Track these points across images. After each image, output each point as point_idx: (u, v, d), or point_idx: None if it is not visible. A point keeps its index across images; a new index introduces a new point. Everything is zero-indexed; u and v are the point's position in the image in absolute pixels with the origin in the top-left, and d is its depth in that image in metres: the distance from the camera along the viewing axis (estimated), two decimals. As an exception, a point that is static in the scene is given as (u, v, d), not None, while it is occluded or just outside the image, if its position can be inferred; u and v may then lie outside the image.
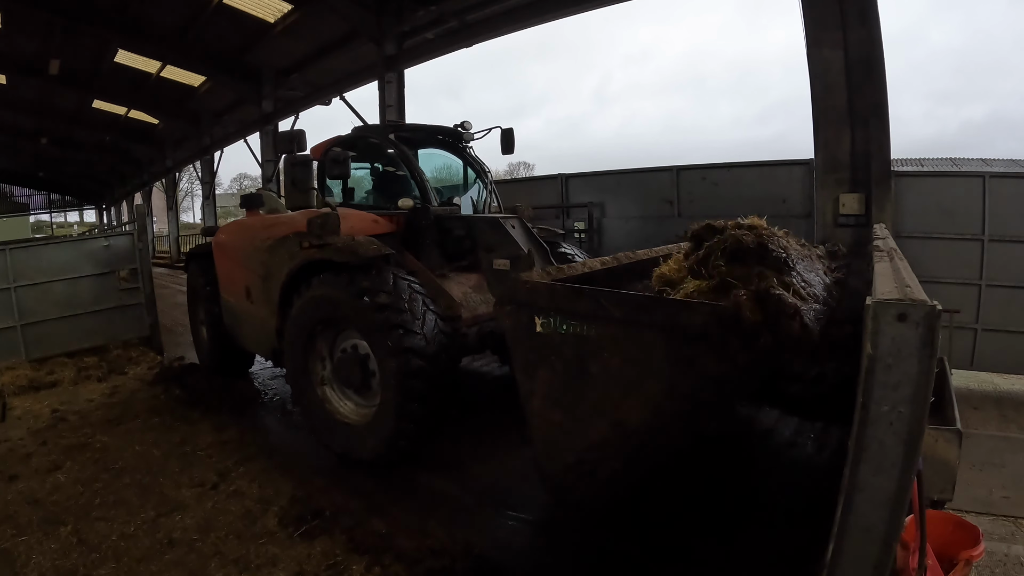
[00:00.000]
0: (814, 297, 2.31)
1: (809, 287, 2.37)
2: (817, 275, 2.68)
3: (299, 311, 3.77)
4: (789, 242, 2.82)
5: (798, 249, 2.85)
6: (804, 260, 2.75)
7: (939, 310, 1.16)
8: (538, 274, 2.71)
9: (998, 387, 5.21)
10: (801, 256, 2.76)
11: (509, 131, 5.20)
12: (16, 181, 31.85)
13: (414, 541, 2.68)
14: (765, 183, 6.22)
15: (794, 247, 2.79)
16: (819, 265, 2.96)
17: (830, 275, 2.98)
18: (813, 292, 2.35)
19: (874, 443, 1.22)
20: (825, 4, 5.33)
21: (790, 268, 2.40)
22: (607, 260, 3.30)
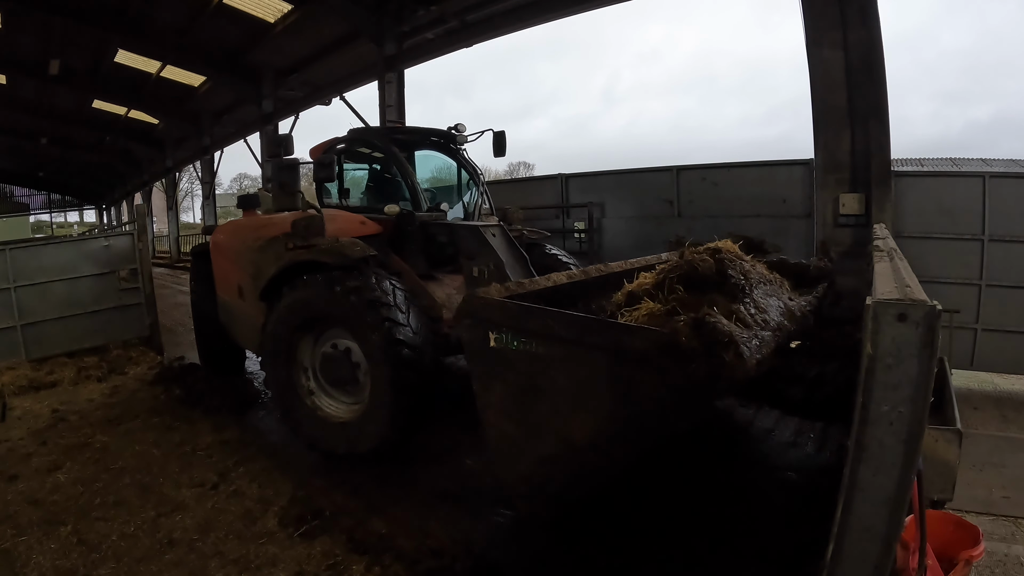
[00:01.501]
0: (764, 324, 2.33)
1: (762, 314, 2.40)
2: (779, 301, 2.69)
3: (283, 310, 3.82)
4: (755, 267, 2.88)
5: (762, 274, 2.88)
6: (765, 286, 2.78)
7: (939, 310, 1.16)
8: (496, 289, 2.74)
9: (998, 387, 5.22)
10: (763, 281, 2.80)
11: (501, 134, 5.24)
12: (16, 181, 31.85)
13: (414, 541, 2.69)
14: (765, 183, 6.22)
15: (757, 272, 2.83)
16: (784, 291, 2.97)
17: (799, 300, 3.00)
18: (765, 319, 2.38)
19: (874, 443, 1.22)
20: (825, 4, 5.33)
21: (745, 295, 2.45)
22: (575, 273, 3.33)
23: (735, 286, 2.46)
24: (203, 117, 17.26)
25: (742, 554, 2.60)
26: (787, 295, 2.92)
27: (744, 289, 2.48)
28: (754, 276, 2.70)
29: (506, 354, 2.32)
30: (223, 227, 5.40)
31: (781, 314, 2.53)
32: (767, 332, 2.25)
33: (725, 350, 1.86)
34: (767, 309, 2.48)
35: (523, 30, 8.65)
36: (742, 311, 2.30)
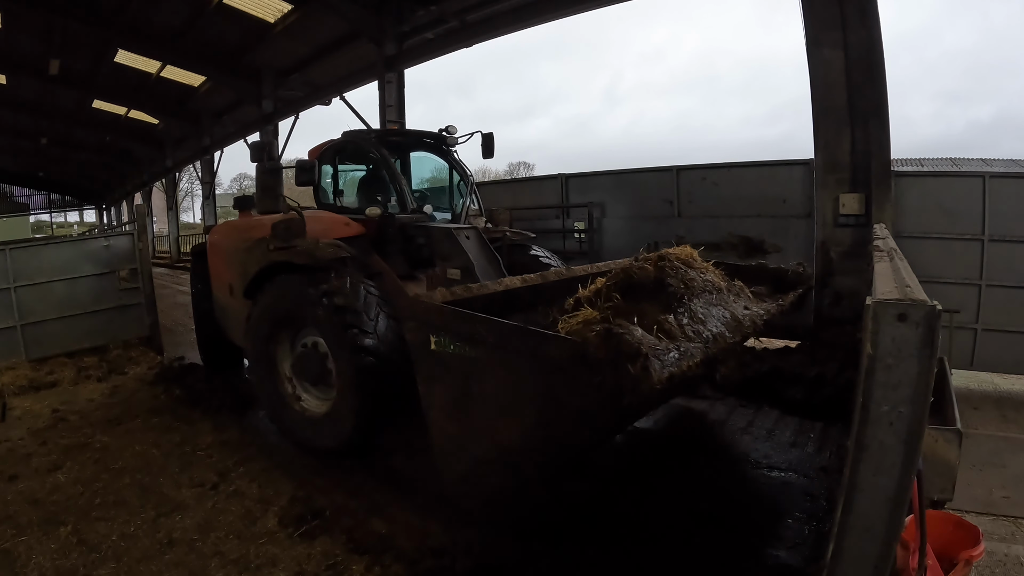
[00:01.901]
0: (695, 336, 2.33)
1: (697, 324, 2.42)
2: (724, 310, 2.70)
3: (261, 307, 4.03)
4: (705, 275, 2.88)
5: (711, 283, 2.88)
6: (710, 295, 2.78)
7: (939, 310, 1.16)
8: (441, 292, 2.81)
9: (998, 387, 5.22)
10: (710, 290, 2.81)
11: (489, 135, 5.38)
12: (16, 181, 31.83)
13: (414, 541, 2.69)
14: (765, 183, 6.21)
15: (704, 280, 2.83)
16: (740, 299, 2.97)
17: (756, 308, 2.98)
18: (698, 330, 2.38)
19: (874, 443, 1.22)
20: (825, 4, 5.32)
21: (680, 305, 2.48)
22: (531, 278, 3.38)
23: (671, 295, 2.50)
24: (203, 117, 17.25)
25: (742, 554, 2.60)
26: (743, 303, 2.91)
27: (681, 298, 2.51)
28: (698, 285, 2.72)
29: (444, 357, 2.39)
30: (218, 228, 5.61)
31: (723, 324, 2.52)
32: (696, 344, 2.25)
33: (631, 362, 1.86)
34: (705, 319, 2.49)
35: (523, 30, 8.65)
36: (670, 321, 2.32)
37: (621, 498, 3.16)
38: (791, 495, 3.10)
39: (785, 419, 4.22)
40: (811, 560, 2.48)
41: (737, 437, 3.95)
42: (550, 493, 3.12)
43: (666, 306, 2.44)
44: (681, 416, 4.37)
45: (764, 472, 3.39)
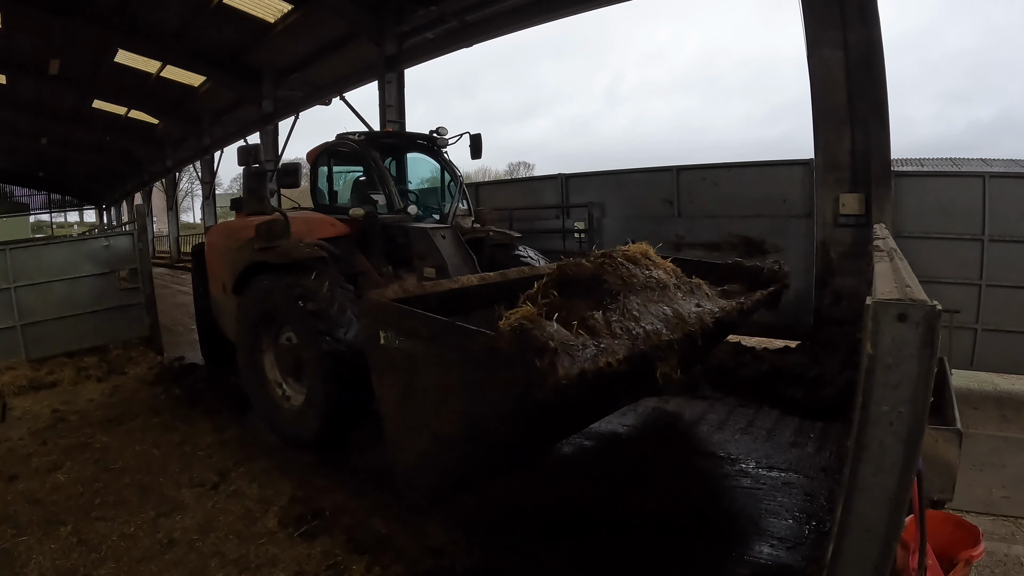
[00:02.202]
0: (624, 333, 2.34)
1: (628, 322, 2.42)
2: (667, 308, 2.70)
3: (247, 305, 4.22)
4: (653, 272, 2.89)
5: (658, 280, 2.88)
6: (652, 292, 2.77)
7: (939, 310, 1.16)
8: (393, 290, 2.91)
9: (998, 387, 5.21)
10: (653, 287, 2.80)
11: (477, 136, 5.51)
12: (16, 181, 31.83)
13: (414, 541, 2.69)
14: (765, 183, 6.21)
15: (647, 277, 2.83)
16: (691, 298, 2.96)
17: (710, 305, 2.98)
18: (628, 327, 2.38)
19: (874, 443, 1.22)
20: (825, 4, 5.33)
21: (614, 302, 2.50)
22: (489, 276, 3.44)
23: (606, 292, 2.54)
24: (203, 117, 17.25)
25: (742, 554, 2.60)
26: (695, 301, 2.93)
27: (616, 295, 2.54)
28: (638, 282, 2.74)
29: (391, 352, 2.50)
30: (214, 228, 5.86)
31: (661, 321, 2.54)
32: (622, 341, 2.27)
33: (538, 357, 1.89)
34: (640, 316, 2.50)
35: (523, 30, 8.65)
36: (596, 318, 2.33)
37: (621, 498, 3.16)
38: (791, 495, 3.10)
39: (785, 419, 4.22)
40: (811, 560, 2.48)
41: (737, 437, 3.94)
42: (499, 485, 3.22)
43: (596, 303, 2.47)
44: (681, 416, 4.37)
45: (764, 472, 3.39)
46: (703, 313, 2.80)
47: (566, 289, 2.50)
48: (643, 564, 2.57)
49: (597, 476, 3.43)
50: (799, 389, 4.48)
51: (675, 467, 3.53)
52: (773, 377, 4.73)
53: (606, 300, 2.51)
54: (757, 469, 3.44)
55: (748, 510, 2.96)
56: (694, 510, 2.99)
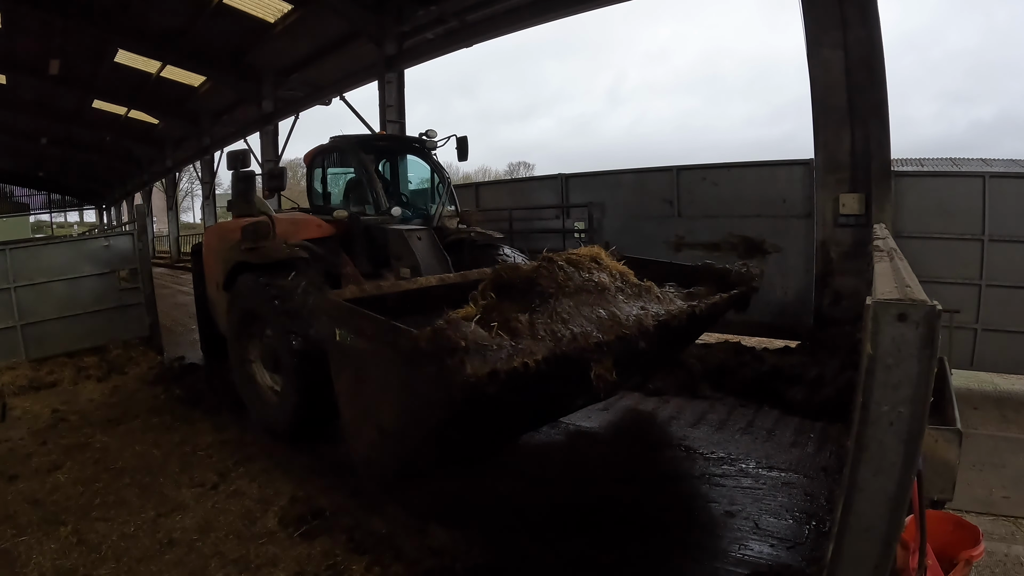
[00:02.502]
0: (547, 335, 2.39)
1: (555, 324, 2.48)
2: (603, 311, 2.73)
3: (233, 303, 4.44)
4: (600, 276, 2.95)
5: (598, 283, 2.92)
6: (587, 295, 2.82)
7: (939, 310, 1.16)
8: (350, 290, 3.08)
9: (998, 387, 5.21)
10: (590, 291, 2.85)
11: (463, 139, 5.66)
12: (16, 181, 31.83)
13: (414, 541, 2.68)
14: (765, 183, 6.21)
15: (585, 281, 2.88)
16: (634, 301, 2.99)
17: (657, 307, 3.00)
18: (553, 329, 2.44)
19: (874, 443, 1.22)
20: (825, 4, 5.33)
21: (545, 304, 2.58)
22: (449, 277, 3.55)
23: (538, 295, 2.63)
24: (203, 117, 17.25)
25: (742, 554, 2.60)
26: (640, 303, 2.96)
27: (548, 298, 2.62)
28: (574, 285, 2.79)
29: (344, 348, 2.67)
30: (210, 229, 6.09)
31: (593, 323, 2.59)
32: (543, 342, 2.34)
33: (450, 356, 2.02)
34: (569, 318, 2.56)
35: (523, 30, 8.65)
36: (521, 320, 2.41)
37: (620, 498, 3.16)
38: (791, 495, 3.10)
39: (785, 419, 4.22)
40: (811, 560, 2.48)
41: (737, 437, 3.95)
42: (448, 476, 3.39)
43: (524, 305, 2.55)
44: (681, 416, 4.37)
45: (764, 472, 3.39)
46: (644, 316, 2.82)
47: (503, 292, 2.60)
48: (644, 564, 2.57)
49: (597, 476, 3.43)
50: (799, 389, 4.48)
51: (675, 467, 3.53)
52: (773, 377, 4.73)
53: (536, 303, 2.58)
54: (757, 469, 3.44)
55: (748, 510, 2.96)
56: (694, 510, 2.99)
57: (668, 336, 3.00)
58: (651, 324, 2.78)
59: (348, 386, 2.78)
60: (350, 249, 4.80)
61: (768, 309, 6.24)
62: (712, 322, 4.09)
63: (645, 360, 3.68)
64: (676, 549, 2.67)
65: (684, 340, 4.28)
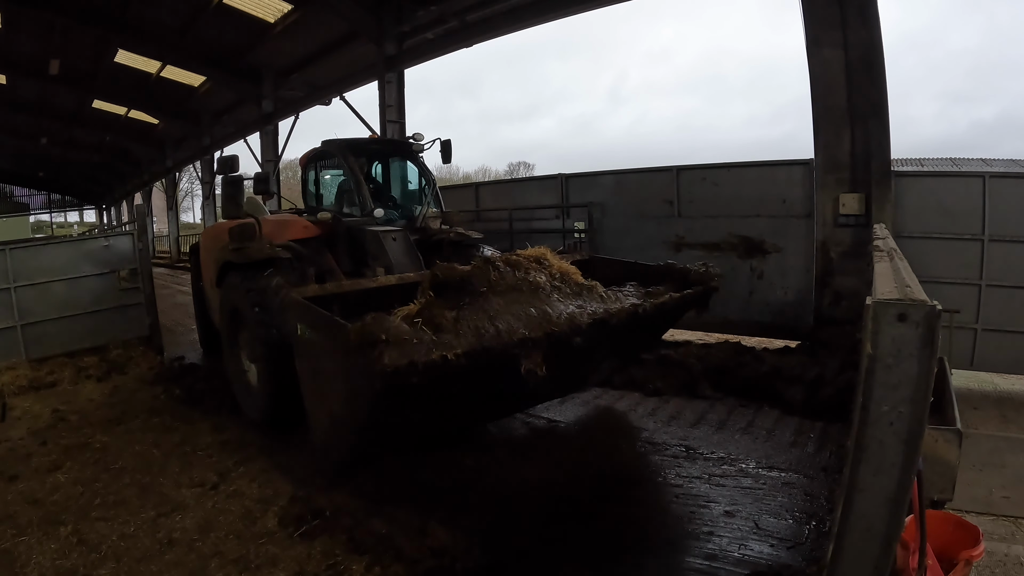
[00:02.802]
0: (471, 331, 2.59)
1: (481, 320, 2.67)
2: (533, 309, 2.88)
3: (222, 299, 4.74)
4: (536, 276, 3.15)
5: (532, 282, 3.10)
6: (519, 293, 2.99)
7: (939, 310, 1.16)
8: (312, 288, 3.34)
9: (998, 387, 5.21)
10: (524, 289, 3.03)
11: (447, 142, 5.84)
12: (16, 181, 31.84)
13: (414, 541, 2.68)
14: (765, 183, 6.21)
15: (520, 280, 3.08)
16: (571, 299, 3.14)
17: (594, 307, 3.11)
18: (478, 325, 2.63)
19: (874, 443, 1.22)
20: (825, 4, 5.33)
21: (474, 302, 2.79)
22: (408, 276, 3.73)
23: (470, 293, 2.84)
24: (203, 117, 17.25)
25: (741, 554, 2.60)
26: (577, 302, 3.12)
27: (478, 296, 2.83)
28: (506, 284, 2.99)
29: (304, 341, 2.91)
30: (206, 230, 6.51)
31: (520, 320, 2.75)
32: (466, 338, 2.53)
33: (370, 348, 2.26)
34: (496, 316, 2.73)
35: (524, 30, 8.66)
36: (446, 316, 2.63)
37: (621, 499, 3.16)
38: (791, 495, 3.10)
39: (785, 419, 4.22)
40: (811, 560, 2.48)
41: (737, 437, 3.95)
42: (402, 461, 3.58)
43: (452, 303, 2.75)
44: (681, 416, 4.37)
45: (764, 472, 3.39)
46: (579, 313, 2.95)
47: (440, 290, 2.83)
48: (643, 563, 2.57)
49: (598, 476, 3.43)
50: (799, 389, 4.48)
51: (674, 466, 3.53)
52: (773, 377, 4.73)
53: (466, 300, 2.78)
54: (757, 469, 3.43)
55: (748, 510, 2.96)
56: (694, 510, 2.99)
57: (609, 333, 3.09)
58: (585, 321, 2.89)
59: (307, 377, 3.02)
60: (334, 249, 4.99)
61: (768, 309, 6.25)
62: (672, 319, 4.23)
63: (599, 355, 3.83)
64: (676, 549, 2.66)
65: (643, 336, 4.35)
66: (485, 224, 8.61)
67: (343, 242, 4.99)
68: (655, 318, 3.60)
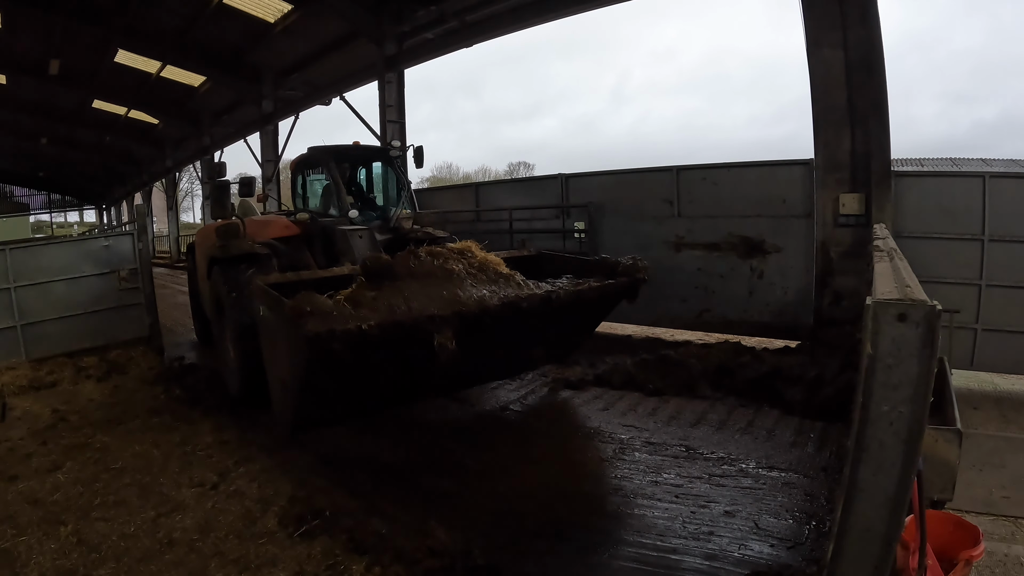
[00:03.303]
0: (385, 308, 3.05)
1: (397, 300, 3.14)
2: (444, 291, 3.34)
3: (211, 290, 5.25)
4: (454, 265, 3.58)
5: (447, 270, 3.53)
6: (435, 279, 3.44)
7: (939, 310, 1.16)
8: (275, 276, 3.86)
9: (998, 387, 5.21)
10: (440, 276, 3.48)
11: (420, 148, 6.33)
12: (16, 181, 31.85)
13: (414, 541, 2.68)
14: (765, 183, 6.21)
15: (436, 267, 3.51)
16: (482, 285, 3.55)
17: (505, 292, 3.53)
18: (392, 304, 3.11)
19: (874, 443, 1.22)
20: (825, 4, 5.33)
21: (393, 285, 3.26)
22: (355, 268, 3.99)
23: (392, 277, 3.33)
24: (203, 117, 17.25)
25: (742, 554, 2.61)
26: (489, 287, 3.55)
27: (397, 280, 3.31)
28: (424, 271, 3.46)
29: (264, 320, 3.39)
30: (200, 230, 7.09)
31: (432, 301, 3.21)
32: (380, 313, 3.01)
33: (298, 320, 2.78)
34: (411, 297, 3.20)
35: (523, 30, 8.67)
36: (366, 295, 3.14)
37: (620, 498, 3.16)
38: (791, 495, 3.10)
39: (785, 419, 4.22)
40: (811, 560, 2.48)
41: (737, 437, 3.95)
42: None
43: (373, 286, 3.23)
44: (681, 416, 4.37)
45: (764, 472, 3.39)
46: (490, 297, 3.41)
47: (371, 277, 3.32)
48: (646, 563, 2.57)
49: (596, 475, 3.43)
50: (799, 389, 4.47)
51: (674, 466, 3.53)
52: (773, 377, 4.73)
53: (386, 283, 3.26)
54: (757, 469, 3.44)
55: (748, 510, 2.96)
56: (694, 510, 2.99)
57: (524, 317, 3.50)
58: (494, 304, 3.34)
59: (266, 350, 3.58)
60: (312, 247, 5.44)
61: (768, 309, 6.25)
62: (602, 308, 4.59)
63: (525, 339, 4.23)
64: (676, 549, 2.66)
65: (572, 323, 4.65)
66: (485, 224, 8.63)
67: (318, 240, 5.45)
68: (576, 306, 4.00)
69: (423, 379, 3.93)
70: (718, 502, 3.06)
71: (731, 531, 2.78)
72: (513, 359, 4.63)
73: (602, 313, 4.75)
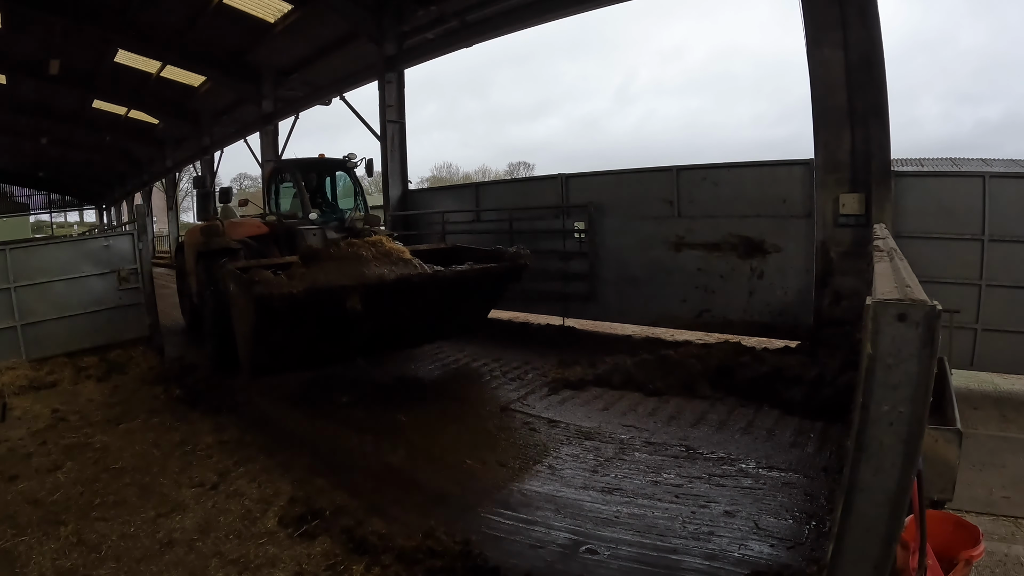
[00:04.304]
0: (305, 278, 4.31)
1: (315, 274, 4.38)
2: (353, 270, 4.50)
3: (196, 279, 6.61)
4: (365, 251, 4.73)
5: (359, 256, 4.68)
6: (348, 260, 4.60)
7: (939, 310, 1.16)
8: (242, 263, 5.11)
9: (998, 387, 5.21)
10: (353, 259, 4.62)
11: (370, 160, 7.71)
12: (16, 181, 31.79)
13: (414, 541, 2.68)
14: (765, 183, 6.20)
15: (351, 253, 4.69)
16: (384, 265, 4.68)
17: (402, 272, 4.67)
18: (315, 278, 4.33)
19: (874, 443, 1.22)
20: (825, 4, 5.32)
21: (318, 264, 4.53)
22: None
23: (318, 259, 4.60)
24: (203, 117, 17.23)
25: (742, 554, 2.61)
26: (390, 267, 4.67)
27: (322, 261, 4.56)
28: (340, 255, 4.63)
29: (233, 295, 4.53)
30: (189, 230, 8.16)
31: (343, 275, 4.41)
32: (305, 283, 4.24)
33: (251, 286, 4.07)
34: (328, 273, 4.40)
35: (524, 29, 8.64)
36: (298, 272, 4.41)
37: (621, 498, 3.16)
38: (791, 495, 3.10)
39: (785, 419, 4.22)
40: (811, 560, 2.48)
41: (737, 437, 3.95)
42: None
43: (307, 263, 4.55)
44: (681, 416, 4.37)
45: (764, 472, 3.39)
46: (387, 273, 4.58)
47: (305, 260, 4.66)
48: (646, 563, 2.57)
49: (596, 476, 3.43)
50: (799, 389, 4.47)
51: (674, 466, 3.53)
52: (773, 377, 4.73)
53: (312, 264, 4.52)
54: (757, 469, 3.44)
55: (748, 510, 2.96)
56: (694, 510, 2.99)
57: (415, 290, 4.69)
58: (391, 278, 4.55)
59: (236, 319, 4.64)
60: (279, 243, 6.51)
61: (768, 309, 6.25)
62: (490, 290, 5.69)
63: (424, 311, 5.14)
64: (676, 549, 2.66)
65: (462, 300, 5.49)
66: (485, 224, 8.63)
67: (283, 237, 6.56)
68: (464, 284, 5.11)
69: (348, 337, 4.85)
70: (718, 502, 3.06)
71: (731, 531, 2.78)
72: (420, 328, 5.58)
73: (493, 293, 5.83)
